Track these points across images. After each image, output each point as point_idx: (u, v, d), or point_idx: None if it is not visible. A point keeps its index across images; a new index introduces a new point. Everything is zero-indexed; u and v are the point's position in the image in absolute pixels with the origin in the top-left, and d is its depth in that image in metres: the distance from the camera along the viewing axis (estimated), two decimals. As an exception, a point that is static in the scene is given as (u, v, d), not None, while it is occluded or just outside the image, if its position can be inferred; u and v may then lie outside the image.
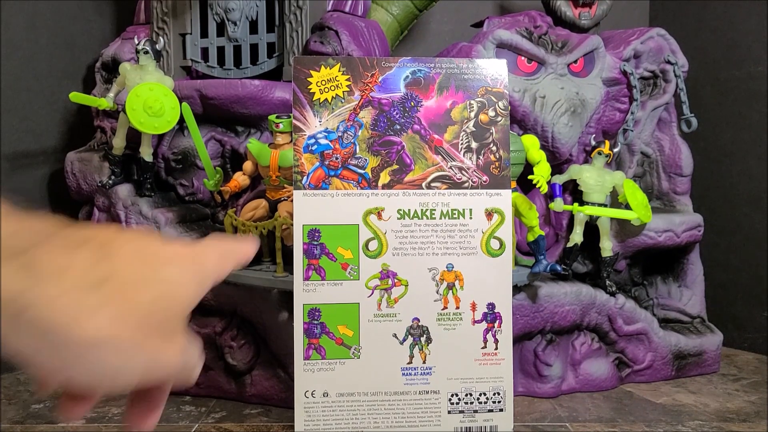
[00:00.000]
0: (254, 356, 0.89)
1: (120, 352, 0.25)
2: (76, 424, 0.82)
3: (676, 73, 1.04)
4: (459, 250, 0.74)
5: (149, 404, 0.31)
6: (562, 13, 1.07)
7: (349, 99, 0.74)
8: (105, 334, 0.25)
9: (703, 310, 1.05)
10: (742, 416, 0.85)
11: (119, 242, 0.27)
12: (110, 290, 0.25)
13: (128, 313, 0.26)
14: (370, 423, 0.73)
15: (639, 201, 0.94)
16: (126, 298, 0.26)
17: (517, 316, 0.88)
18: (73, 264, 0.25)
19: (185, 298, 0.29)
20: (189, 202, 1.01)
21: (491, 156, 0.75)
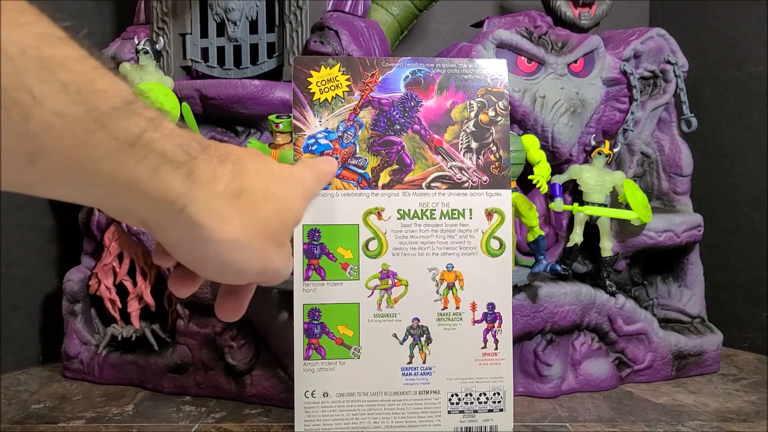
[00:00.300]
0: (254, 356, 0.89)
1: (246, 252, 0.31)
2: (75, 423, 0.82)
3: (676, 73, 1.04)
4: (459, 250, 0.74)
5: (238, 299, 0.38)
6: (562, 13, 1.07)
7: (349, 99, 0.74)
8: (238, 237, 0.30)
9: (703, 310, 1.05)
10: (742, 416, 0.85)
11: (248, 160, 0.32)
12: (244, 201, 0.31)
13: (255, 221, 0.31)
14: (370, 423, 0.73)
15: (639, 201, 0.94)
16: (254, 209, 0.31)
17: (517, 316, 0.88)
18: (220, 175, 0.30)
19: (296, 213, 0.35)
20: (189, 202, 1.00)
21: (491, 156, 0.75)
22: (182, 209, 0.28)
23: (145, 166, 0.26)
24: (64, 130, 0.23)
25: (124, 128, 0.25)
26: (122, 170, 0.25)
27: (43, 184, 0.25)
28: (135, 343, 0.96)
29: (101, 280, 0.97)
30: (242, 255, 0.31)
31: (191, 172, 0.28)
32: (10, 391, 0.95)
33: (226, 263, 0.30)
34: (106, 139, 0.24)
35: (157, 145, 0.26)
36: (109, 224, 0.97)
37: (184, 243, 0.30)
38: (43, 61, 0.22)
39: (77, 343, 0.98)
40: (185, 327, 0.92)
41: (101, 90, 0.24)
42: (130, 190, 0.26)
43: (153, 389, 0.94)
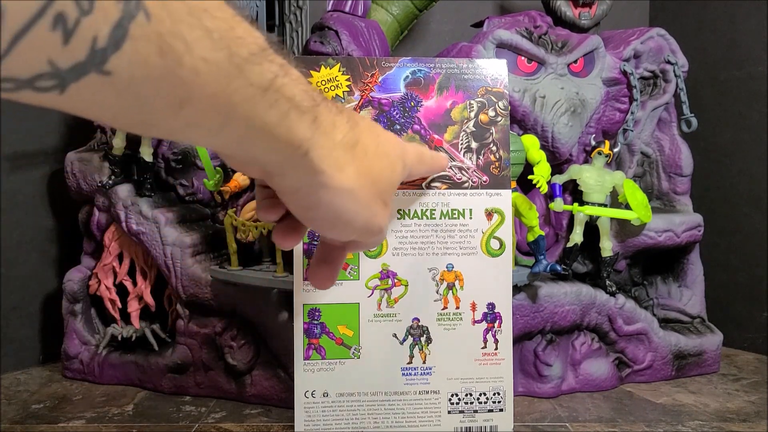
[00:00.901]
0: (254, 356, 0.89)
1: (357, 203, 0.32)
2: (75, 423, 0.82)
3: (676, 73, 1.04)
4: (459, 250, 0.74)
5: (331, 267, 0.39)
6: (562, 13, 1.07)
7: (349, 99, 0.74)
8: (352, 186, 0.31)
9: (703, 310, 1.05)
10: (742, 416, 0.85)
11: (359, 116, 0.34)
12: (358, 153, 0.32)
13: (367, 174, 0.32)
14: (370, 423, 0.73)
15: (639, 201, 0.94)
16: (366, 162, 0.32)
17: (517, 316, 0.88)
18: (339, 125, 0.31)
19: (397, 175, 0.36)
20: (189, 202, 1.01)
21: (491, 156, 0.75)
22: (305, 153, 0.29)
23: (276, 111, 0.27)
24: (208, 75, 0.24)
25: (259, 74, 0.26)
26: (256, 114, 0.26)
27: (185, 130, 0.26)
28: (135, 343, 0.96)
29: (101, 280, 0.97)
30: (353, 205, 0.31)
31: (316, 118, 0.29)
32: (10, 391, 0.95)
33: (338, 212, 0.31)
34: (244, 84, 0.25)
35: (287, 90, 0.27)
36: (109, 224, 0.97)
37: (302, 188, 0.30)
38: (191, 8, 0.23)
39: (77, 343, 0.98)
40: (185, 327, 0.92)
41: (240, 36, 0.25)
42: (260, 134, 0.27)
43: (153, 389, 0.94)
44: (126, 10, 0.20)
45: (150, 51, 0.21)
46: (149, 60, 0.21)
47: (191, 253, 0.92)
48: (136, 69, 0.21)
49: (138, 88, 0.22)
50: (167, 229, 0.92)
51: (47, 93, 0.21)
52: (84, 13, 0.19)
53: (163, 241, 0.92)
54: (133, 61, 0.21)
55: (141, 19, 0.21)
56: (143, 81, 0.22)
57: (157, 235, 0.92)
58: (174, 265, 0.91)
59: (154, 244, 0.92)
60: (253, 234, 0.85)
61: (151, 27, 0.21)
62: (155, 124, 0.25)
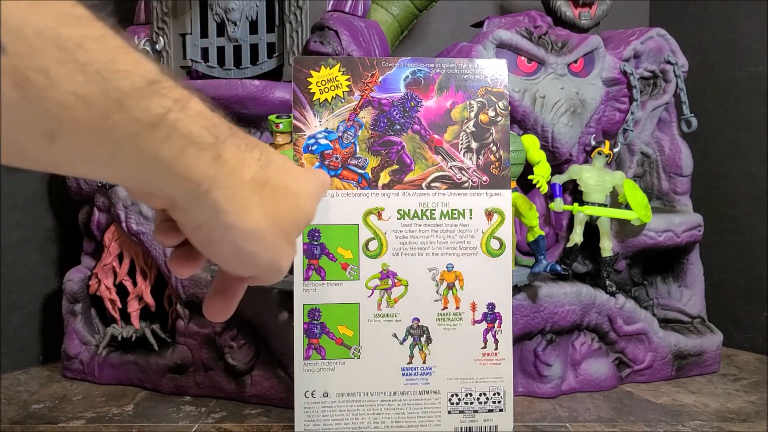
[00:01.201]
0: (254, 356, 0.89)
1: (262, 243, 0.31)
2: (75, 423, 0.82)
3: (676, 73, 1.04)
4: (459, 250, 0.74)
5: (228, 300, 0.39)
6: (562, 13, 1.07)
7: (349, 99, 0.74)
8: (257, 228, 0.30)
9: (703, 310, 1.05)
10: (742, 416, 0.85)
11: (273, 153, 0.33)
12: (267, 193, 0.31)
13: (274, 215, 0.31)
14: (370, 423, 0.73)
15: (639, 201, 0.94)
16: (274, 203, 0.32)
17: (517, 316, 0.88)
18: (249, 163, 0.30)
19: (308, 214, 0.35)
20: (189, 202, 1.00)
21: (491, 156, 0.75)
22: (207, 192, 0.28)
23: (169, 147, 0.26)
24: (81, 110, 0.23)
25: (146, 108, 0.25)
26: (146, 149, 0.25)
27: (66, 163, 0.25)
28: (135, 343, 0.96)
29: (101, 280, 0.97)
30: (257, 246, 0.31)
31: (219, 155, 0.28)
32: (10, 391, 0.95)
33: (240, 251, 0.31)
34: (127, 119, 0.24)
35: (182, 126, 0.26)
36: (109, 224, 0.97)
37: (204, 226, 0.30)
38: (60, 41, 0.22)
39: (77, 343, 0.98)
40: (185, 327, 0.92)
41: (123, 70, 0.24)
42: (155, 169, 0.26)
43: (153, 389, 0.94)
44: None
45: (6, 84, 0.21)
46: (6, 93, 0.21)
47: (191, 253, 0.92)
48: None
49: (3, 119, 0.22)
50: (167, 229, 0.92)
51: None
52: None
53: (163, 241, 0.92)
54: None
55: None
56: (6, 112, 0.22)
57: (157, 235, 0.92)
58: (174, 265, 0.91)
59: (154, 244, 0.92)
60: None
61: (9, 60, 0.21)
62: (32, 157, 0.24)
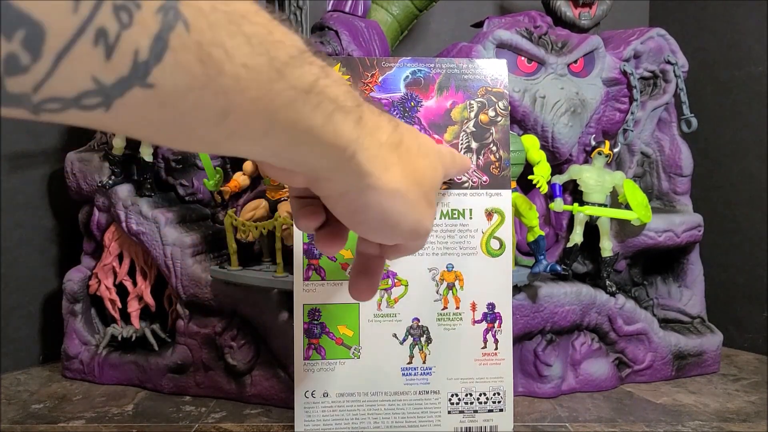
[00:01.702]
0: (254, 356, 0.89)
1: (404, 204, 0.31)
2: (75, 423, 0.82)
3: (676, 73, 1.04)
4: (459, 250, 0.74)
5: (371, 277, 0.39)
6: (562, 13, 1.07)
7: (349, 99, 0.74)
8: (399, 187, 0.31)
9: (703, 310, 1.05)
10: (742, 416, 0.85)
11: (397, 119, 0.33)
12: (402, 152, 0.31)
13: (412, 174, 0.32)
14: (370, 423, 0.73)
15: (639, 201, 0.94)
16: (411, 162, 0.32)
17: (517, 316, 0.88)
18: (382, 126, 0.30)
19: (439, 175, 0.35)
20: (189, 202, 1.01)
21: (491, 156, 0.75)
22: (352, 156, 0.28)
23: (320, 113, 0.26)
24: (249, 81, 0.24)
25: (300, 76, 0.25)
26: (300, 117, 0.26)
27: (227, 140, 0.25)
28: (135, 343, 0.96)
29: (101, 280, 0.97)
30: (401, 206, 0.31)
31: (360, 118, 0.29)
32: (10, 391, 0.95)
33: (385, 213, 0.31)
34: (286, 87, 0.25)
35: (330, 92, 0.27)
36: (109, 224, 0.97)
37: (349, 192, 0.30)
38: (230, 16, 0.23)
39: (77, 343, 0.98)
40: (185, 327, 0.92)
41: (278, 40, 0.25)
42: (306, 138, 0.27)
43: (153, 389, 0.94)
44: (165, 22, 0.20)
45: (191, 61, 0.21)
46: (190, 70, 0.22)
47: (191, 253, 0.92)
48: (178, 80, 0.22)
49: (181, 100, 0.22)
50: (167, 229, 0.92)
51: (93, 111, 0.21)
52: (124, 27, 0.19)
53: (163, 241, 0.92)
54: (175, 72, 0.21)
55: (180, 30, 0.21)
56: (186, 92, 0.22)
57: (157, 235, 0.92)
58: (174, 265, 0.91)
59: (154, 244, 0.92)
60: (253, 234, 0.85)
61: (190, 37, 0.21)
62: (199, 137, 0.25)
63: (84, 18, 0.18)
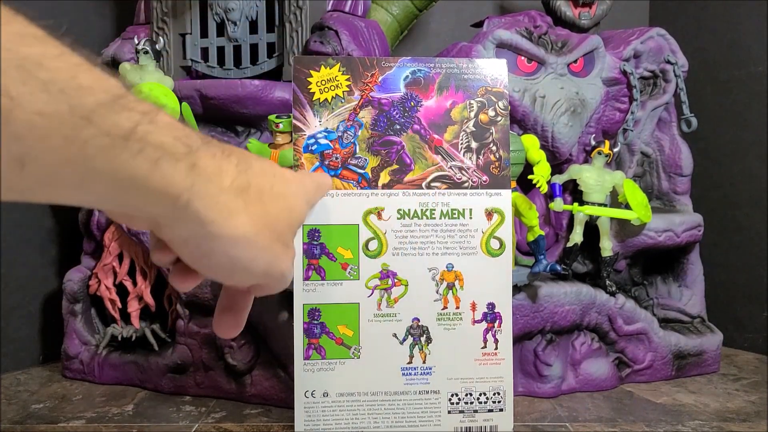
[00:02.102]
0: (254, 356, 0.89)
1: (254, 248, 0.30)
2: (75, 423, 0.82)
3: (676, 73, 1.04)
4: (459, 250, 0.74)
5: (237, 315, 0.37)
6: (562, 13, 1.07)
7: (349, 99, 0.74)
8: (246, 233, 0.29)
9: (703, 310, 1.05)
10: (742, 416, 0.85)
11: (251, 157, 0.32)
12: (251, 196, 0.30)
13: (262, 218, 0.30)
14: (370, 423, 0.73)
15: (639, 201, 0.94)
16: (261, 206, 0.31)
17: (517, 316, 0.88)
18: (225, 169, 0.29)
19: (299, 214, 0.34)
20: (189, 202, 1.00)
21: (491, 156, 0.75)
22: (187, 204, 0.27)
23: (143, 160, 0.25)
24: (49, 130, 0.22)
25: (114, 123, 0.24)
26: (119, 166, 0.24)
27: (40, 188, 0.24)
28: (135, 343, 0.96)
29: (101, 280, 0.97)
30: (250, 252, 0.30)
31: (194, 164, 0.27)
32: (10, 391, 0.95)
33: (233, 260, 0.30)
34: (97, 134, 0.24)
35: (154, 138, 0.25)
36: (109, 224, 0.97)
37: (191, 240, 0.29)
38: (19, 62, 0.22)
39: (77, 343, 0.98)
40: (185, 327, 0.92)
41: (85, 86, 0.24)
42: (132, 186, 0.25)
43: (153, 389, 0.94)
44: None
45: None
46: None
47: (191, 253, 0.92)
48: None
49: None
50: (167, 229, 0.92)
51: None
52: None
53: (163, 241, 0.92)
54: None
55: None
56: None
57: (157, 235, 0.92)
58: (174, 265, 0.91)
59: (154, 244, 0.92)
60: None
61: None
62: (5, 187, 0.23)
63: None
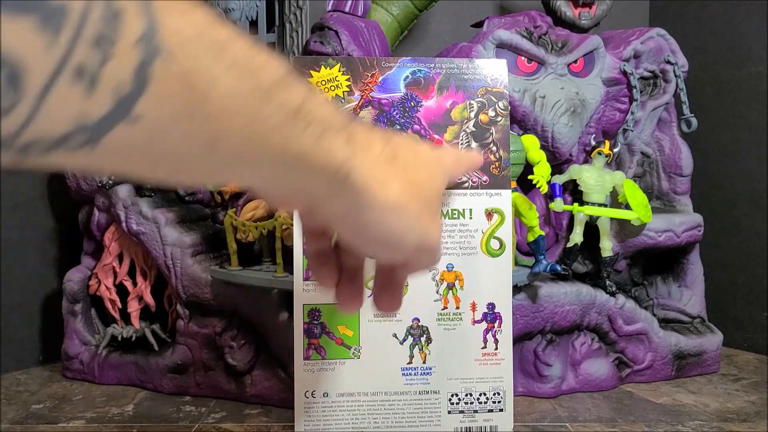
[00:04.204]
0: (254, 356, 0.89)
1: (406, 217, 0.31)
2: (75, 423, 0.82)
3: (676, 73, 1.04)
4: (459, 250, 0.74)
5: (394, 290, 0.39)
6: (562, 13, 1.07)
7: (349, 99, 0.74)
8: (398, 200, 0.30)
9: (703, 310, 1.05)
10: (742, 416, 0.85)
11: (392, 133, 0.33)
12: (398, 165, 0.31)
13: (411, 186, 0.31)
14: (370, 423, 0.73)
15: (639, 201, 0.94)
16: (408, 174, 0.31)
17: (517, 316, 0.88)
18: (374, 141, 0.30)
19: (440, 183, 0.35)
20: (189, 202, 1.01)
21: (491, 156, 0.75)
22: (347, 175, 0.28)
23: (310, 134, 0.26)
24: (237, 108, 0.23)
25: (287, 99, 0.25)
26: (290, 140, 0.26)
27: (223, 170, 0.25)
28: (135, 343, 0.96)
29: (101, 280, 0.97)
30: (403, 220, 0.31)
31: (351, 136, 0.28)
32: (10, 391, 0.95)
33: (388, 230, 0.30)
34: (274, 111, 0.25)
35: (318, 112, 0.27)
36: (109, 224, 0.97)
37: (349, 213, 0.29)
38: (211, 43, 0.22)
39: (77, 343, 0.98)
40: (185, 327, 0.92)
41: (262, 65, 0.25)
42: (298, 162, 0.26)
43: (153, 389, 0.94)
44: (146, 53, 0.20)
45: (174, 91, 0.21)
46: (175, 100, 0.21)
47: (191, 253, 0.92)
48: (162, 111, 0.21)
49: (167, 131, 0.22)
50: (167, 229, 0.92)
51: (79, 150, 0.20)
52: (104, 61, 0.19)
53: (163, 241, 0.92)
54: (159, 103, 0.21)
55: (162, 60, 0.20)
56: (171, 122, 0.22)
57: (157, 235, 0.92)
58: (174, 265, 0.91)
59: (154, 244, 0.92)
60: (253, 234, 0.85)
61: (172, 67, 0.21)
62: (192, 168, 0.24)
63: (62, 54, 0.18)
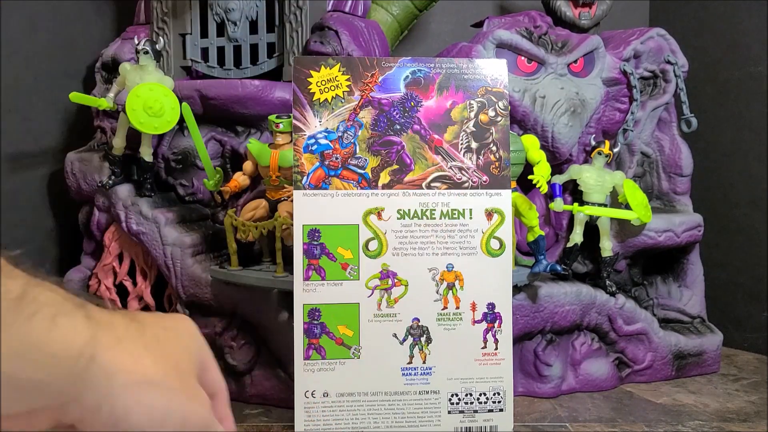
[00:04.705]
0: (254, 356, 0.89)
1: (167, 393, 0.27)
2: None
3: (676, 73, 1.04)
4: (459, 250, 0.74)
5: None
6: (562, 13, 1.07)
7: (349, 99, 0.74)
8: (157, 375, 0.27)
9: (703, 310, 1.05)
10: (742, 416, 0.85)
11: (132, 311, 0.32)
12: (149, 341, 0.28)
13: (166, 360, 0.28)
14: (370, 423, 0.73)
15: (639, 201, 0.94)
16: (162, 348, 0.29)
17: (517, 316, 0.88)
18: (115, 320, 0.28)
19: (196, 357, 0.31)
20: (189, 202, 1.01)
21: (491, 156, 0.75)
22: (91, 359, 0.25)
23: (40, 318, 0.24)
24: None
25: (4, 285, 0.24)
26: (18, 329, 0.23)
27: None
28: (135, 343, 0.96)
29: (101, 280, 0.97)
30: (163, 397, 0.27)
31: (89, 314, 0.26)
32: (10, 391, 0.94)
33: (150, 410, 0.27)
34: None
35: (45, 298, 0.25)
36: (109, 224, 0.97)
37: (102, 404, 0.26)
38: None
39: (77, 343, 0.98)
40: (185, 327, 0.92)
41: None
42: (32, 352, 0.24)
43: (153, 389, 0.94)
44: None
45: None
46: None
47: (191, 253, 0.92)
48: None
49: None
50: (167, 229, 0.92)
51: None
52: None
53: (163, 241, 0.92)
54: None
55: None
56: None
57: (157, 235, 0.92)
58: (174, 265, 0.91)
59: (154, 244, 0.92)
60: (253, 234, 0.85)
61: None
62: None
63: None
